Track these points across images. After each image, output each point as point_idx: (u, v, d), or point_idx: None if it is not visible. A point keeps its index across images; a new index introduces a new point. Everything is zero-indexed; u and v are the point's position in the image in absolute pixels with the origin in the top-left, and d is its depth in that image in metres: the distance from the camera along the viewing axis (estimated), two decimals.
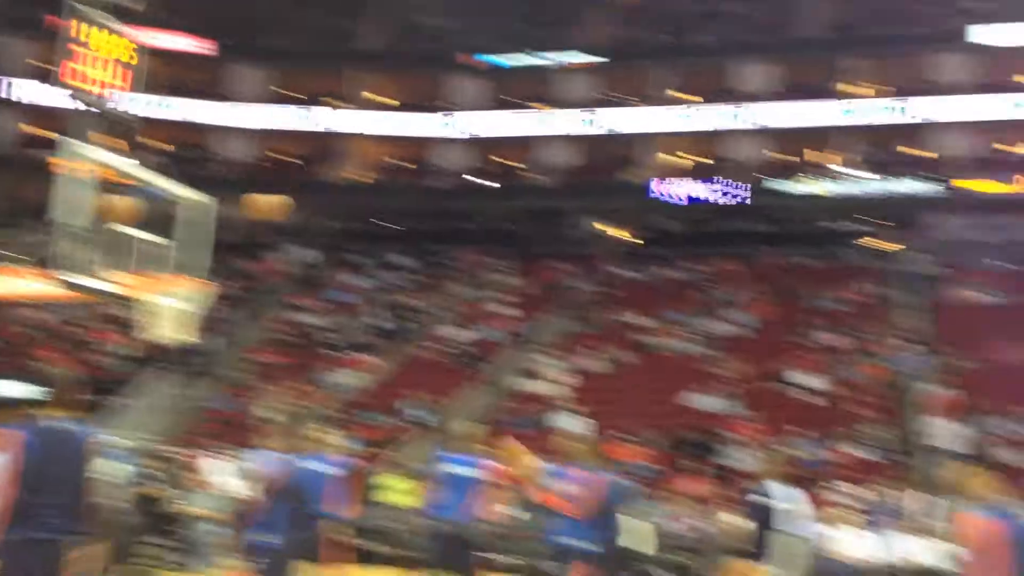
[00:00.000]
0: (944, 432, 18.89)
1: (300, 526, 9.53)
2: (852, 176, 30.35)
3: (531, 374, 23.95)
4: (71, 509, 5.60)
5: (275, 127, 34.61)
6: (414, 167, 34.98)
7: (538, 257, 31.12)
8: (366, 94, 34.88)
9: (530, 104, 34.16)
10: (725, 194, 30.44)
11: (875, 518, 16.15)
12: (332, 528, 10.03)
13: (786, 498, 6.22)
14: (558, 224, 33.22)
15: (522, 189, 33.90)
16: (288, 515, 8.81)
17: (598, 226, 33.89)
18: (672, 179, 31.41)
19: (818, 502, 16.97)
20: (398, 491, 17.72)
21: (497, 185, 33.89)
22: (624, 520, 9.76)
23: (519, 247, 31.93)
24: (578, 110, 33.69)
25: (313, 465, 10.58)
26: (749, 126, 32.34)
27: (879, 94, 31.52)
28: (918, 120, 31.18)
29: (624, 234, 33.72)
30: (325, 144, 34.78)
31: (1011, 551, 4.07)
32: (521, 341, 25.77)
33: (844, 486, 17.10)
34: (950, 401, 20.06)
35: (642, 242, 32.74)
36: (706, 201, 30.65)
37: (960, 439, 18.66)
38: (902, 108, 31.31)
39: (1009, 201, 28.49)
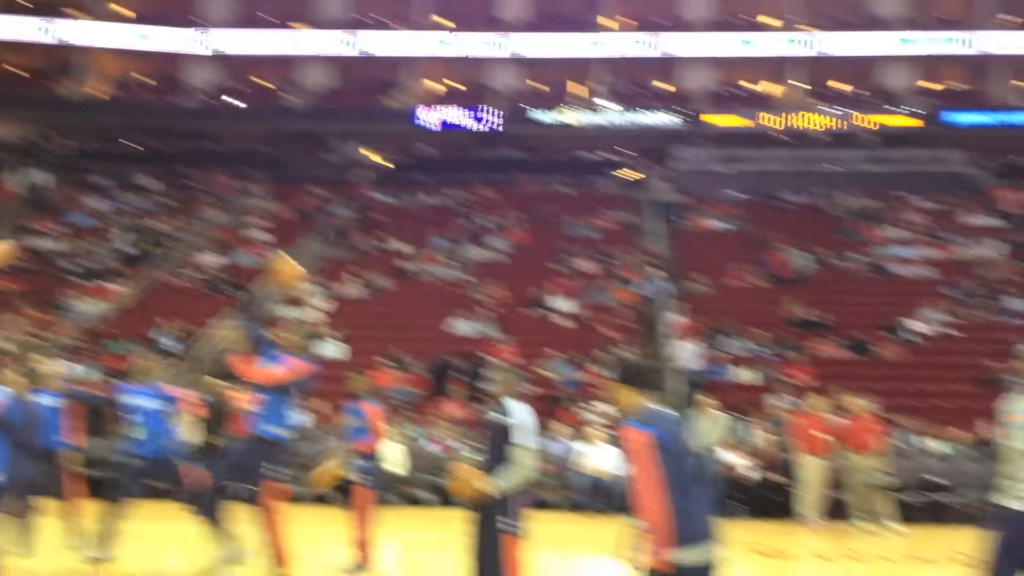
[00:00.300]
0: (684, 353, 20.08)
1: (27, 461, 9.20)
2: (604, 107, 31.35)
3: (289, 301, 23.54)
4: None
5: (8, 38, 31.87)
6: (162, 85, 33.24)
7: (295, 181, 30.48)
8: (111, 5, 32.68)
9: (288, 23, 33.08)
10: (483, 121, 30.73)
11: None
12: (67, 459, 9.81)
13: (519, 414, 6.67)
14: (316, 148, 32.58)
15: (278, 111, 32.98)
16: (11, 450, 8.38)
17: (357, 151, 33.48)
18: (432, 105, 31.39)
19: (573, 420, 17.77)
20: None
21: (249, 106, 32.77)
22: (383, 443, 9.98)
23: (275, 171, 31.14)
24: (338, 31, 32.93)
25: (42, 397, 10.21)
26: (507, 55, 32.69)
27: (630, 28, 32.58)
28: (666, 54, 32.51)
29: (383, 159, 33.49)
30: (64, 57, 32.40)
31: (657, 457, 4.43)
32: None
33: (597, 405, 17.95)
34: (690, 324, 21.33)
35: (401, 168, 32.64)
36: (465, 128, 30.85)
37: (698, 359, 19.92)
38: (652, 43, 32.52)
39: (748, 135, 30.29)
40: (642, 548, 4.49)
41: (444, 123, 30.69)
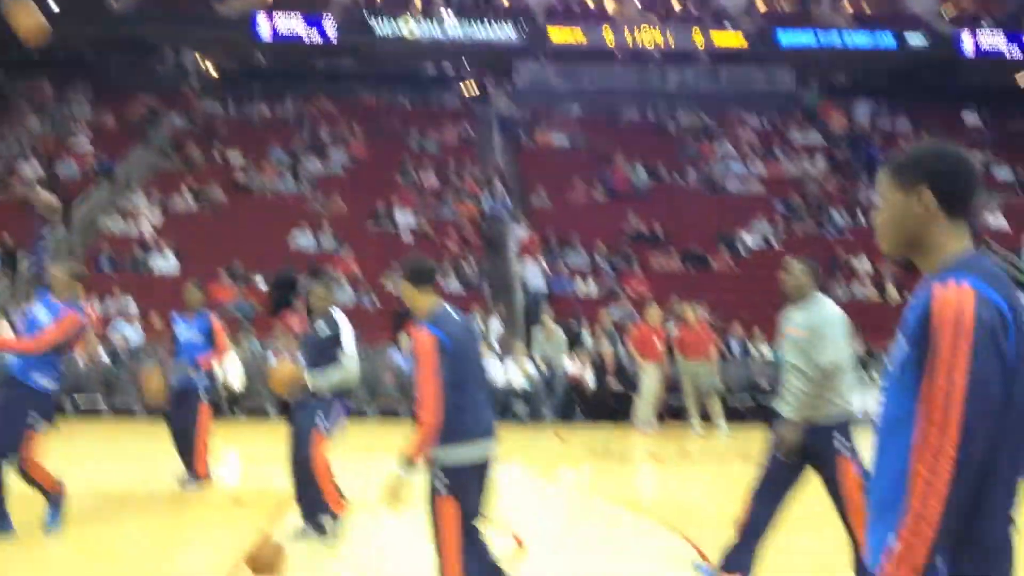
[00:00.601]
0: (528, 269, 20.31)
1: None
2: (444, 20, 30.88)
3: (121, 214, 22.60)
4: None
5: None
6: None
7: (123, 89, 28.98)
8: None
9: None
10: (322, 32, 29.85)
11: None
12: None
13: (343, 325, 7.33)
14: (145, 55, 31.02)
15: (100, 14, 31.13)
16: None
17: (190, 59, 32.06)
18: (270, 13, 30.24)
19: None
20: None
21: (69, 9, 30.85)
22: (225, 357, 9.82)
23: (100, 78, 29.53)
24: None
25: None
26: None
27: None
28: None
29: (217, 68, 32.21)
30: None
31: (438, 356, 4.61)
32: (108, 179, 24.11)
33: None
34: (532, 240, 21.55)
35: (237, 77, 31.48)
36: (303, 38, 29.90)
37: (541, 275, 20.19)
38: None
39: (588, 51, 30.42)
40: (415, 444, 4.60)
41: (275, 33, 29.62)
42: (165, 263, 20.31)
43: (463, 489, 4.68)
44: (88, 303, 17.45)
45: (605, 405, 16.39)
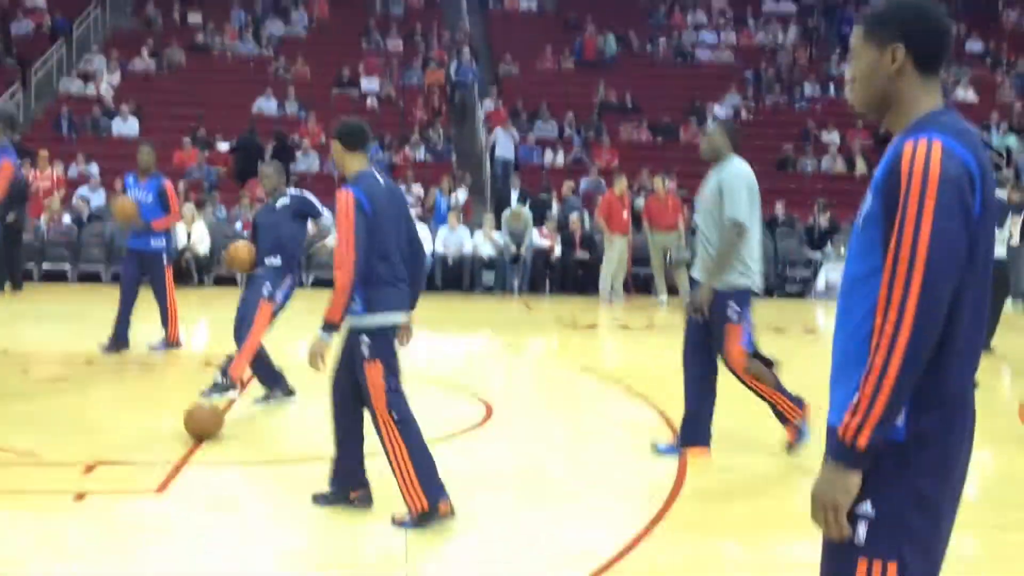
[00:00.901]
0: (497, 139, 20.05)
1: None
2: None
3: (80, 75, 21.97)
4: None
5: None
6: None
7: None
8: None
9: None
10: None
11: (437, 214, 17.18)
12: None
13: (304, 197, 7.74)
14: None
15: None
16: None
17: None
18: None
19: None
20: None
21: None
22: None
23: None
24: None
25: None
26: None
27: None
28: None
29: None
30: None
31: (357, 217, 4.67)
32: (65, 39, 23.31)
33: (408, 186, 17.87)
34: (501, 111, 21.20)
35: None
36: None
37: (510, 145, 19.94)
38: None
39: None
40: (334, 305, 4.67)
41: None
42: (125, 126, 19.86)
43: (385, 351, 4.79)
44: (50, 167, 17.12)
45: (573, 277, 16.47)
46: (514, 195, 17.93)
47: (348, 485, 5.00)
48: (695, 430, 6.16)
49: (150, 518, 4.86)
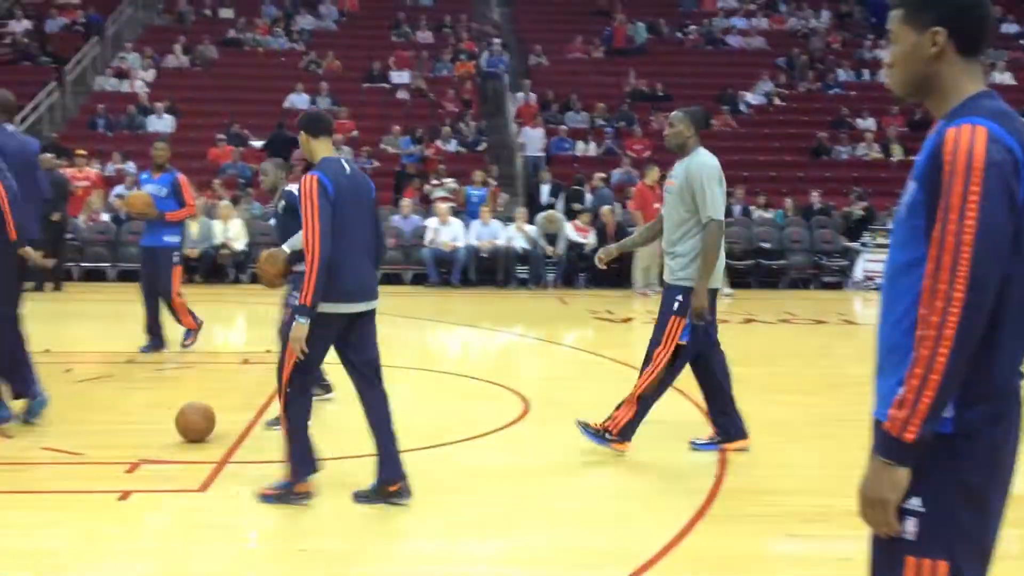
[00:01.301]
0: (527, 135, 19.99)
1: None
2: None
3: (116, 72, 22.15)
4: None
5: None
6: None
7: None
8: None
9: None
10: None
11: (468, 207, 17.18)
12: None
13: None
14: None
15: None
16: None
17: None
18: None
19: (419, 196, 17.72)
20: None
21: None
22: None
23: None
24: None
25: None
26: None
27: None
28: None
29: None
30: None
31: (320, 201, 4.75)
32: (98, 35, 23.52)
33: (441, 180, 17.89)
34: (532, 105, 21.12)
35: None
36: None
37: (540, 141, 19.87)
38: None
39: None
40: (305, 289, 4.74)
41: None
42: (161, 122, 20.01)
43: (316, 336, 4.82)
44: (87, 165, 17.27)
45: (607, 270, 16.39)
46: (545, 190, 17.79)
47: (388, 477, 5.02)
48: (729, 425, 6.15)
49: (193, 516, 4.91)
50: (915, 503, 2.20)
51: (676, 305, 5.89)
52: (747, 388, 8.44)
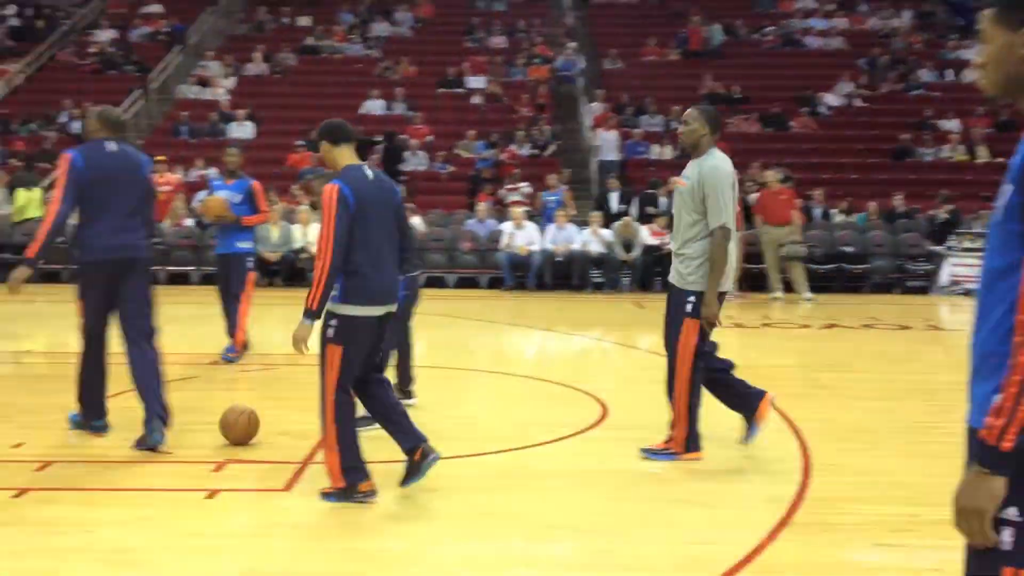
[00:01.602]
0: (602, 140, 19.91)
1: None
2: None
3: (198, 80, 22.63)
4: None
5: None
6: None
7: None
8: None
9: None
10: None
11: (544, 211, 17.19)
12: None
13: None
14: None
15: None
16: None
17: None
18: None
19: (494, 200, 17.78)
20: (35, 204, 17.13)
21: None
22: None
23: None
24: None
25: None
26: None
27: None
28: None
29: None
30: None
31: (339, 208, 4.88)
32: (180, 44, 24.06)
33: (515, 184, 17.93)
34: (604, 111, 21.03)
35: None
36: None
37: (615, 146, 19.78)
38: None
39: None
40: (312, 292, 4.90)
41: None
42: (241, 129, 20.39)
43: (351, 339, 5.01)
44: (169, 171, 17.66)
45: None
46: (614, 197, 17.61)
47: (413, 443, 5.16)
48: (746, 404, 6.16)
49: (277, 516, 4.97)
50: (1012, 513, 2.15)
51: (689, 308, 5.86)
52: (831, 394, 8.37)
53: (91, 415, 6.36)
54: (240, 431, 6.16)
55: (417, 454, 5.13)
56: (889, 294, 16.28)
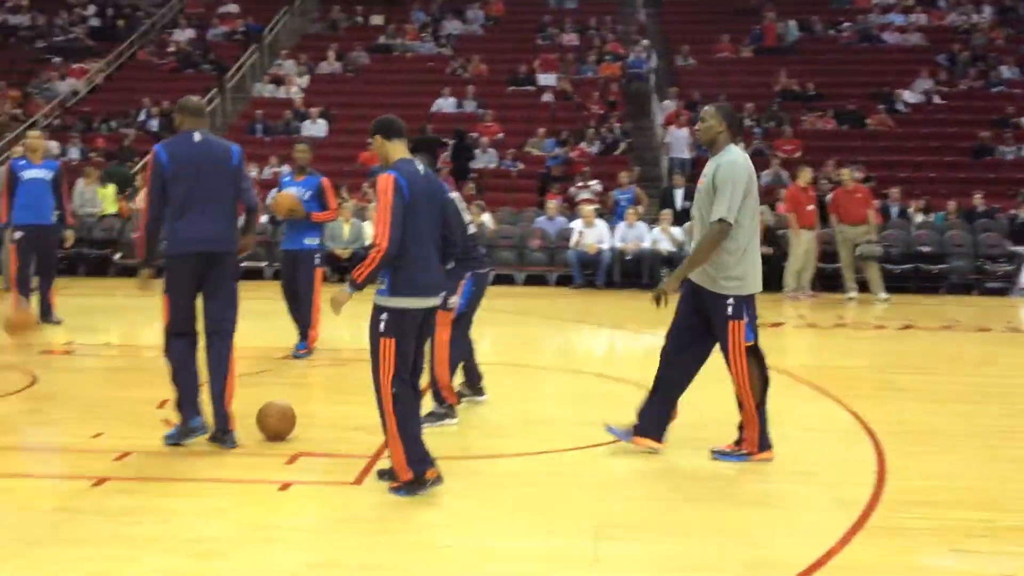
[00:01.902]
0: (674, 138, 19.75)
1: None
2: None
3: (273, 79, 22.97)
4: None
5: None
6: None
7: None
8: None
9: None
10: None
11: (617, 210, 17.11)
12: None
13: None
14: None
15: None
16: None
17: None
18: None
19: (564, 198, 17.76)
20: (109, 200, 17.68)
21: None
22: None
23: None
24: None
25: (33, 172, 10.51)
26: None
27: None
28: None
29: None
30: None
31: (394, 197, 5.01)
32: (257, 43, 24.43)
33: (585, 182, 17.88)
34: (676, 109, 20.87)
35: None
36: None
37: (687, 145, 19.60)
38: None
39: None
40: (364, 266, 5.03)
41: None
42: (315, 127, 20.64)
43: (402, 332, 5.12)
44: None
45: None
46: (678, 195, 17.38)
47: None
48: (653, 422, 6.05)
49: (347, 510, 5.03)
50: None
51: (730, 310, 5.83)
52: (907, 396, 8.20)
53: (187, 415, 6.10)
54: (274, 427, 6.20)
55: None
56: (967, 295, 15.90)
